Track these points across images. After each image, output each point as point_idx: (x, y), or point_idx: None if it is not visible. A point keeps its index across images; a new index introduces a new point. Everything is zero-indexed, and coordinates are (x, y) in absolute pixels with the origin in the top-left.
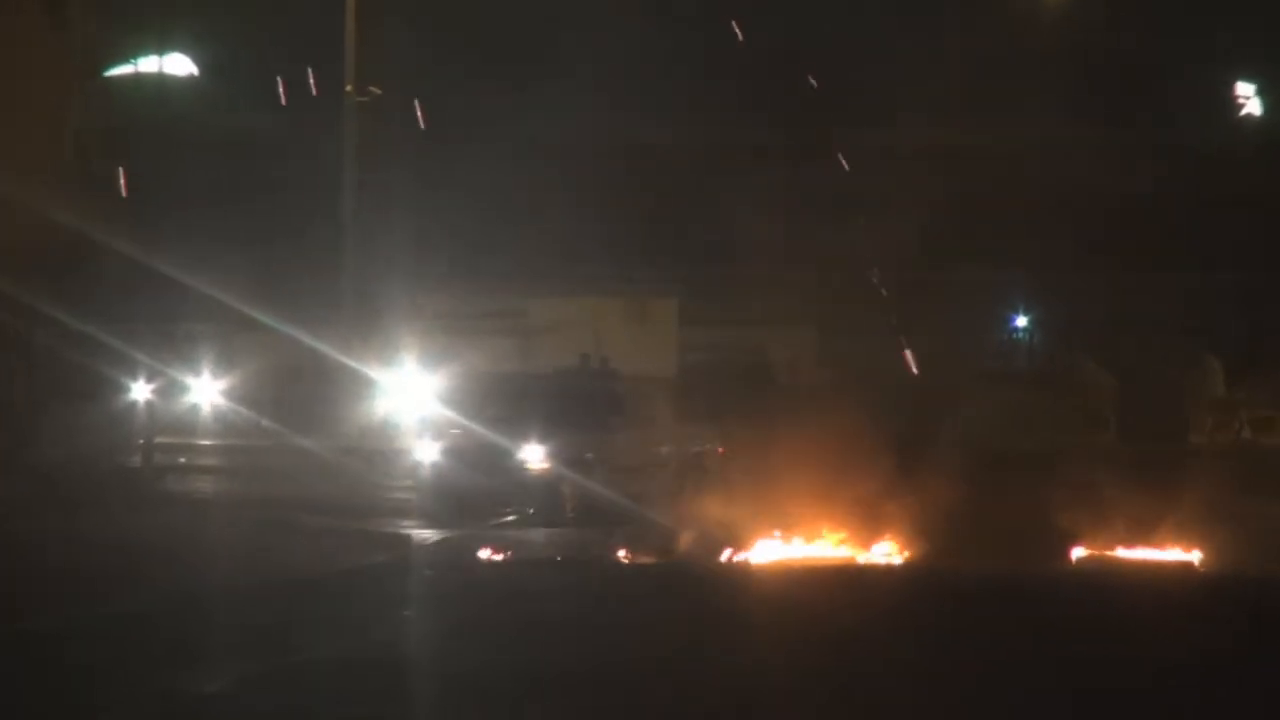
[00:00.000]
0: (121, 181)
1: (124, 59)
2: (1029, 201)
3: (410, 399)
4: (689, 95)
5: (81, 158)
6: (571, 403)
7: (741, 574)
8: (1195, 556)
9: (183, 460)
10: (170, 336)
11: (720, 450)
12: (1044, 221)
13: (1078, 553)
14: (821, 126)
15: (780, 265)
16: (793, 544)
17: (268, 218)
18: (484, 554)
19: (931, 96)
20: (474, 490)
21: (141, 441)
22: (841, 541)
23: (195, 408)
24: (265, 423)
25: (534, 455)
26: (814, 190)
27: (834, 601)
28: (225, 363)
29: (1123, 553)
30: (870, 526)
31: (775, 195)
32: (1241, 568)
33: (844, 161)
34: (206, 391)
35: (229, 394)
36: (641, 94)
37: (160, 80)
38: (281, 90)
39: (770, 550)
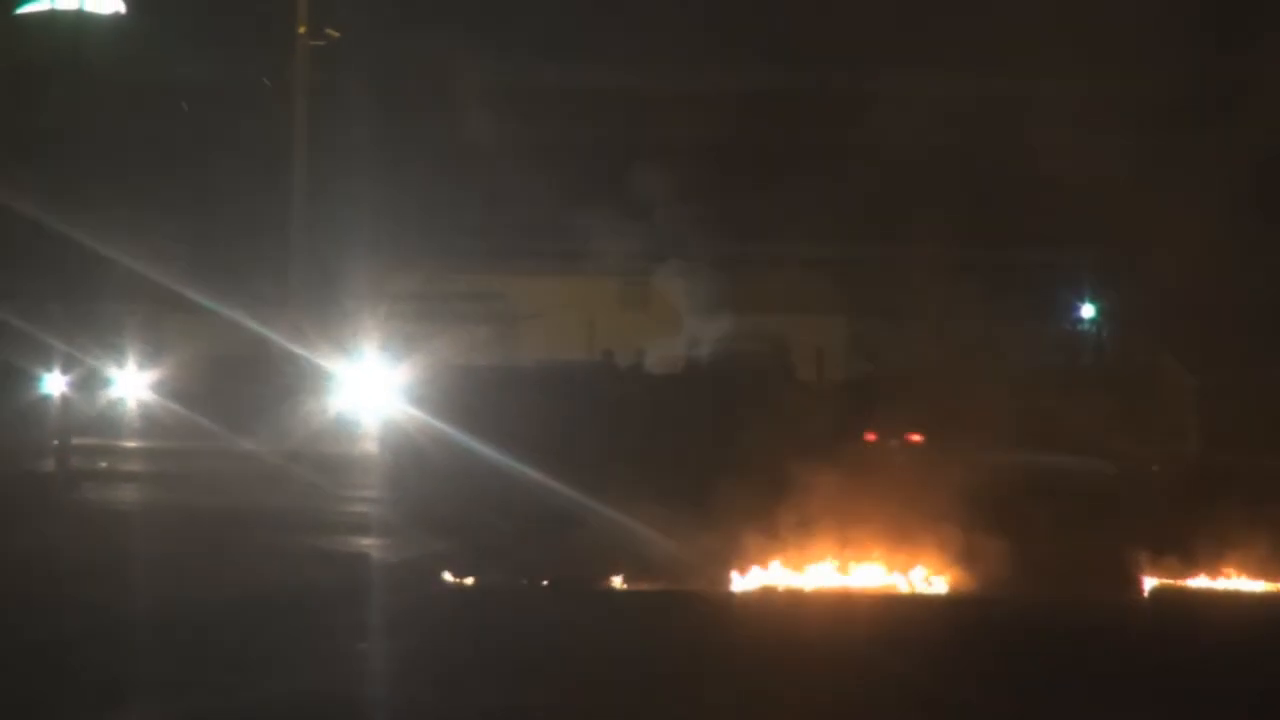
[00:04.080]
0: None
1: None
2: (1094, 168)
3: (371, 395)
4: (703, 37)
5: None
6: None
7: (745, 604)
8: None
9: (104, 465)
10: (89, 319)
11: None
12: (1113, 192)
13: (1150, 583)
14: (841, 75)
15: (807, 243)
16: (805, 572)
17: (205, 181)
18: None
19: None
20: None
21: (56, 443)
22: (849, 567)
23: (118, 403)
24: (200, 421)
25: None
26: (844, 149)
27: (862, 634)
28: (154, 351)
29: (1204, 583)
30: (899, 551)
31: (801, 159)
32: None
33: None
34: (131, 384)
35: (158, 387)
36: (644, 34)
37: (79, 18)
38: (223, 32)
39: (787, 577)
